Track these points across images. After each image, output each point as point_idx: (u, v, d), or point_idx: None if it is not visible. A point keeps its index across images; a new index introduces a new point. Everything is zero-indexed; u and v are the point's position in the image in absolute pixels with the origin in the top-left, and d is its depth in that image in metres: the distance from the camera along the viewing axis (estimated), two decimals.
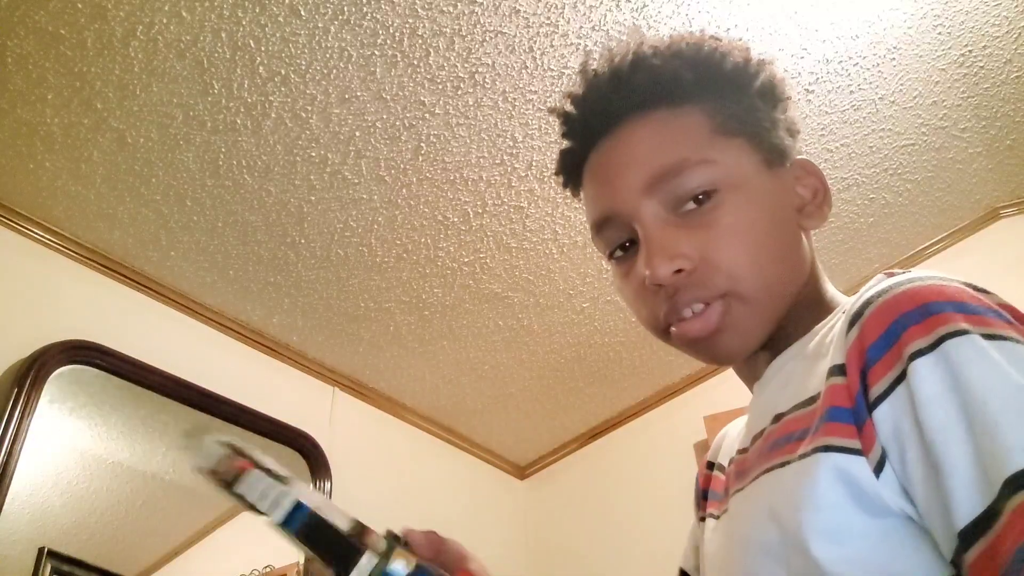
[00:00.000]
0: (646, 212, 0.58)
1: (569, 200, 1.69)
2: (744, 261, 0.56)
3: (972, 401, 0.41)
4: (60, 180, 1.48)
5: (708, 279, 0.56)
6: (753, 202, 0.58)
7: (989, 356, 0.41)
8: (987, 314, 0.44)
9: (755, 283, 0.56)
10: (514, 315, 1.95)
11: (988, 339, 0.42)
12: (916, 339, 0.43)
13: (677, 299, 0.57)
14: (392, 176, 1.58)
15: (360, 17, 1.29)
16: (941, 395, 0.42)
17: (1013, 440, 0.38)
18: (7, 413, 1.36)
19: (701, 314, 0.57)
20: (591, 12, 1.35)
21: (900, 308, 0.45)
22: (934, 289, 0.46)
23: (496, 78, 1.43)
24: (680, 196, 0.57)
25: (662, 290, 0.57)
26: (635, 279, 0.60)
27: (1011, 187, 1.86)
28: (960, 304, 0.44)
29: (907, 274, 0.49)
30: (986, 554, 0.38)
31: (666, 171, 0.57)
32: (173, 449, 1.73)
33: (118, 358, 1.56)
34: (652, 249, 0.57)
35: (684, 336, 0.58)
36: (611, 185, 0.60)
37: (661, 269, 0.56)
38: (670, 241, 0.57)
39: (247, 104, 1.40)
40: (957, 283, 0.47)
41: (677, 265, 0.56)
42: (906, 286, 0.47)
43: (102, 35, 1.25)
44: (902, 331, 0.44)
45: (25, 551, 1.41)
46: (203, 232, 1.62)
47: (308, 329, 1.90)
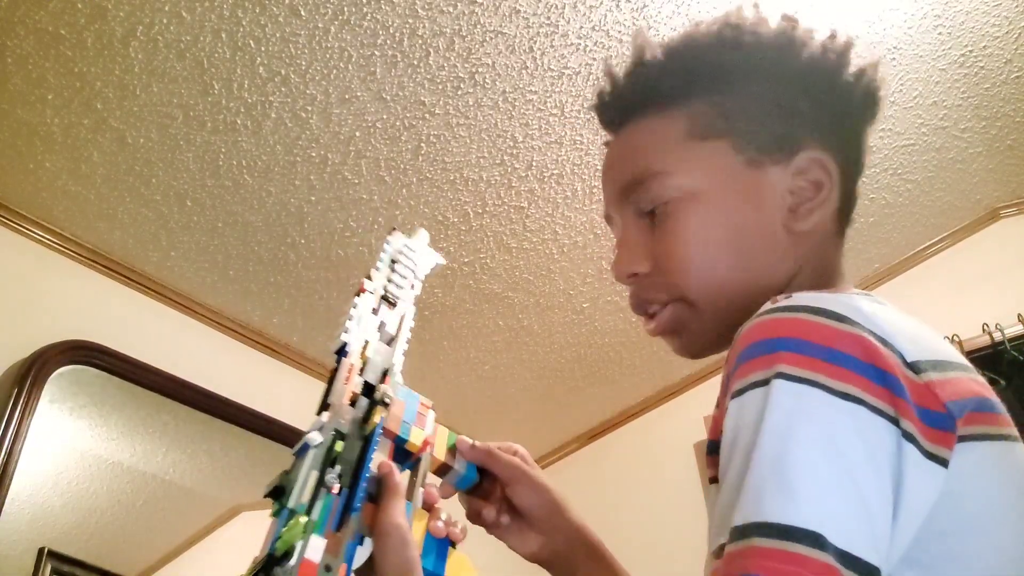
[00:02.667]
0: (621, 216, 0.63)
1: (569, 200, 1.69)
2: (690, 268, 0.58)
3: (735, 450, 0.42)
4: (60, 180, 1.48)
5: (658, 285, 0.60)
6: (713, 209, 0.58)
7: (775, 406, 0.41)
8: (807, 352, 0.42)
9: (704, 290, 0.58)
10: (514, 315, 1.95)
11: (789, 380, 0.41)
12: (734, 382, 0.44)
13: (638, 297, 0.62)
14: (392, 176, 1.58)
15: (360, 17, 1.29)
16: (726, 445, 0.43)
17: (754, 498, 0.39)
18: (7, 413, 1.36)
19: (657, 315, 0.61)
20: (591, 12, 1.35)
21: (737, 347, 0.46)
22: (765, 326, 0.45)
23: (496, 78, 1.43)
24: (643, 205, 0.60)
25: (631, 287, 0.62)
26: None
27: (1011, 187, 1.86)
28: (777, 342, 0.43)
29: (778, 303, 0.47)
30: None
31: (631, 182, 0.61)
32: (173, 449, 1.73)
33: (118, 358, 1.56)
34: (617, 252, 0.63)
35: (648, 331, 0.63)
36: (602, 187, 0.66)
37: (616, 271, 0.62)
38: (631, 246, 0.61)
39: (247, 104, 1.40)
40: (802, 313, 0.44)
41: (632, 269, 0.61)
42: (753, 321, 0.46)
43: (102, 35, 1.25)
44: (731, 373, 0.45)
45: (25, 551, 1.41)
46: (203, 232, 1.62)
47: (308, 329, 1.90)
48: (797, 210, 0.59)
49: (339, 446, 0.55)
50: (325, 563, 0.49)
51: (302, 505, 0.52)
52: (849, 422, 0.40)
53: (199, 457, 1.78)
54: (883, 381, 0.41)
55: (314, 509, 0.52)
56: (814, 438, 0.39)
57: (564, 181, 1.65)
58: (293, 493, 0.53)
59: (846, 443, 0.39)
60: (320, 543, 0.50)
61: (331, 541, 0.51)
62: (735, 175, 0.59)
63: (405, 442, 0.61)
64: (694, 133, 0.59)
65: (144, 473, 1.66)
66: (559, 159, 1.60)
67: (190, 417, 1.69)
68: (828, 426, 0.40)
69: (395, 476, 0.59)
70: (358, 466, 0.55)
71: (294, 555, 0.49)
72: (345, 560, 0.51)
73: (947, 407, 0.41)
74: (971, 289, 1.79)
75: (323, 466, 0.54)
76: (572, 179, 1.65)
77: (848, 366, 0.41)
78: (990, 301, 1.73)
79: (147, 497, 1.68)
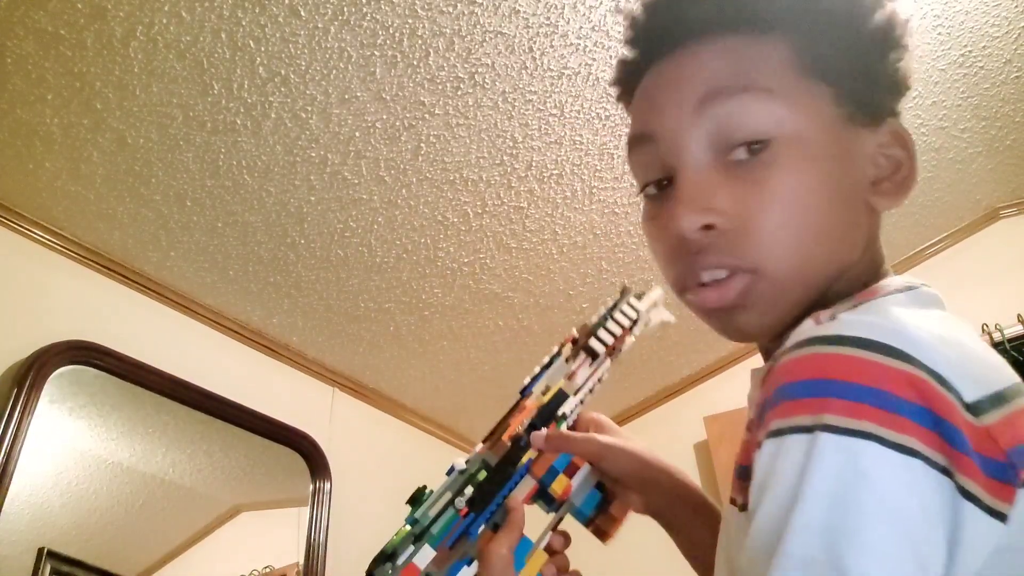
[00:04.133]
0: (689, 144, 0.50)
1: (569, 200, 1.69)
2: (783, 236, 0.48)
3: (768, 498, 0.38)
4: (60, 180, 1.48)
5: (738, 246, 0.48)
6: (816, 165, 0.49)
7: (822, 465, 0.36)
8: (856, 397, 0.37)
9: (789, 263, 0.48)
10: (514, 315, 1.95)
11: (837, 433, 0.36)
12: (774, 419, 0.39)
13: (699, 260, 0.49)
14: (392, 176, 1.58)
15: (360, 18, 1.29)
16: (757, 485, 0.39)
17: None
18: (7, 413, 1.36)
19: (721, 284, 0.49)
20: (591, 12, 1.35)
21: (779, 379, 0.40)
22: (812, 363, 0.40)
23: (496, 78, 1.43)
24: (732, 137, 0.49)
25: (685, 245, 0.50)
26: (661, 225, 0.52)
27: (1011, 187, 1.86)
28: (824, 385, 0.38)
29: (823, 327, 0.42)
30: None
31: (723, 89, 0.49)
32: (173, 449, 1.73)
33: (118, 358, 1.56)
34: (684, 194, 0.49)
35: (699, 304, 0.52)
36: (659, 101, 0.53)
37: (687, 220, 0.48)
38: (706, 189, 0.49)
39: (247, 104, 1.40)
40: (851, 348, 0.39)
41: (707, 219, 0.48)
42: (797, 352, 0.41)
43: (102, 35, 1.25)
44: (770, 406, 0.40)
45: (25, 551, 1.41)
46: (203, 232, 1.62)
47: (308, 329, 1.90)
48: (879, 185, 0.52)
49: (482, 475, 0.61)
50: (427, 571, 0.56)
51: (427, 517, 0.59)
52: (905, 478, 0.36)
53: (199, 457, 1.78)
54: (939, 429, 0.36)
55: (436, 524, 0.58)
56: (867, 504, 0.35)
57: (564, 181, 1.65)
58: (423, 505, 0.60)
59: (902, 504, 0.35)
60: (430, 554, 0.57)
61: (441, 555, 0.57)
62: (835, 129, 0.50)
63: (548, 486, 0.63)
64: (798, 65, 0.50)
65: (144, 473, 1.66)
66: (559, 159, 1.60)
67: (190, 417, 1.69)
68: (883, 487, 0.35)
69: (519, 512, 0.61)
70: (491, 496, 0.61)
71: (401, 557, 0.56)
72: (446, 574, 0.57)
73: (1008, 455, 0.37)
74: (971, 289, 1.79)
75: (459, 489, 0.60)
76: (572, 179, 1.64)
77: (903, 412, 0.37)
78: (990, 301, 1.73)
79: (147, 497, 1.68)
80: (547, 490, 0.63)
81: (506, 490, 0.61)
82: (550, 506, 0.64)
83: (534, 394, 0.68)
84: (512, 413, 0.67)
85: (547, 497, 0.64)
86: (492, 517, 0.60)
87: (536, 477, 0.64)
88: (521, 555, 0.59)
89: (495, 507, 0.60)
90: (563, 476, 0.64)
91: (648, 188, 0.55)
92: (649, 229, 0.56)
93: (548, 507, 0.65)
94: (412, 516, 0.59)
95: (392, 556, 0.56)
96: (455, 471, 0.61)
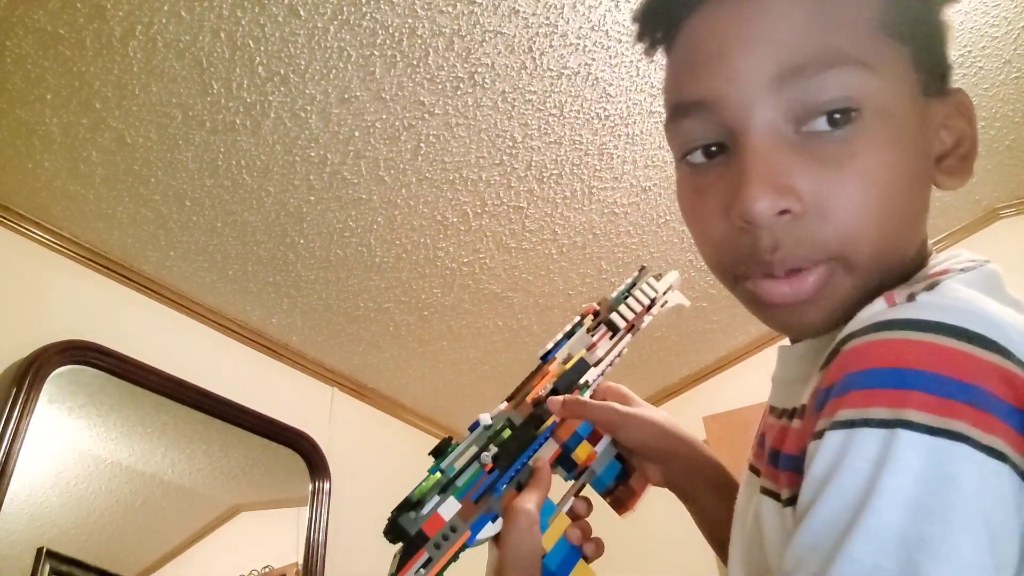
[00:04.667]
0: (762, 115, 0.42)
1: (568, 200, 1.69)
2: (868, 221, 0.42)
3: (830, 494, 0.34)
4: (59, 180, 1.48)
5: (818, 233, 0.42)
6: (901, 140, 0.43)
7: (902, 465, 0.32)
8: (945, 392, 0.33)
9: (872, 250, 0.42)
10: (514, 315, 1.95)
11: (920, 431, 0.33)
12: (842, 408, 0.35)
13: (770, 248, 0.43)
14: (392, 176, 1.57)
15: (359, 17, 1.29)
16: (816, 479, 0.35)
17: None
18: (5, 413, 1.36)
19: (796, 276, 0.43)
20: (591, 12, 1.35)
21: (849, 366, 0.36)
22: (890, 349, 0.35)
23: (495, 78, 1.43)
24: (812, 106, 0.41)
25: (747, 233, 0.43)
26: (715, 201, 0.45)
27: (1011, 187, 1.86)
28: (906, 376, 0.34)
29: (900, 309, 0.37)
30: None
31: (810, 63, 0.41)
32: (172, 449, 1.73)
33: (117, 358, 1.56)
34: (756, 171, 0.41)
35: (761, 297, 0.45)
36: (725, 62, 0.43)
37: (763, 202, 0.41)
38: (783, 165, 0.42)
39: (246, 104, 1.40)
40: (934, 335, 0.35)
41: (786, 203, 0.41)
42: (872, 337, 0.36)
43: (101, 35, 1.25)
44: (837, 394, 0.36)
45: (24, 551, 1.40)
46: (202, 232, 1.62)
47: (308, 329, 1.89)
48: (943, 161, 0.47)
49: (506, 433, 0.61)
50: (452, 524, 0.56)
51: (452, 468, 0.58)
52: (995, 485, 0.32)
53: (198, 457, 1.78)
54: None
55: (462, 477, 0.58)
56: (953, 513, 0.31)
57: (563, 181, 1.64)
58: (449, 456, 0.59)
59: (990, 515, 0.31)
60: (455, 506, 0.56)
61: (466, 508, 0.57)
62: (914, 99, 0.44)
63: (572, 451, 0.63)
64: (883, 23, 0.43)
65: (143, 473, 1.66)
66: (558, 159, 1.60)
67: (189, 417, 1.69)
68: (971, 495, 0.31)
69: (546, 471, 0.61)
70: (516, 454, 0.60)
71: (427, 506, 0.55)
72: (471, 528, 0.56)
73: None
74: None
75: (484, 444, 0.60)
76: (571, 179, 1.64)
77: (992, 410, 0.32)
78: None
79: (146, 497, 1.68)
80: (570, 455, 0.63)
81: (531, 450, 0.62)
82: (569, 473, 0.64)
83: (557, 360, 0.68)
84: (534, 377, 0.67)
85: (568, 463, 0.64)
86: (517, 476, 0.60)
87: (560, 441, 0.64)
88: (544, 517, 0.58)
89: (520, 466, 0.60)
90: (586, 443, 0.64)
91: (693, 154, 0.46)
92: (693, 203, 0.47)
93: (568, 474, 0.64)
94: (438, 466, 0.58)
95: (418, 504, 0.55)
96: (480, 426, 0.61)
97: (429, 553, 0.54)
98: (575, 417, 0.64)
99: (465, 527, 0.56)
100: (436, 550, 0.54)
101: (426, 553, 0.54)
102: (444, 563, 0.55)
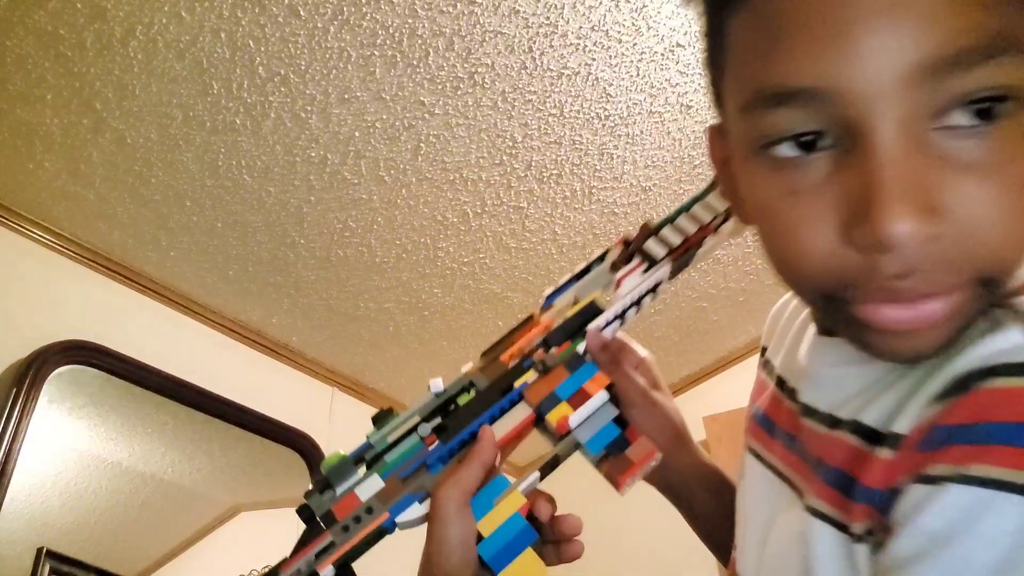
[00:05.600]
0: (899, 110, 0.32)
1: (568, 200, 1.69)
2: (1019, 238, 0.33)
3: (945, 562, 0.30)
4: (59, 180, 1.48)
5: (965, 256, 0.33)
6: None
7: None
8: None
9: (1014, 267, 0.35)
10: (514, 315, 1.95)
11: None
12: (980, 463, 0.30)
13: (892, 282, 0.33)
14: (392, 176, 1.58)
15: (360, 17, 1.29)
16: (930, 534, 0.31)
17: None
18: (6, 413, 1.36)
19: (924, 302, 0.34)
20: (591, 12, 1.35)
21: (995, 413, 0.31)
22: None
23: (496, 78, 1.43)
24: (955, 97, 0.32)
25: (873, 257, 0.33)
26: (824, 211, 0.34)
27: None
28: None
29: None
30: None
31: (974, 50, 0.31)
32: (172, 449, 1.73)
33: (117, 358, 1.56)
34: (895, 184, 0.31)
35: (873, 323, 0.35)
36: (850, 39, 0.32)
37: (906, 226, 0.31)
38: (927, 179, 0.32)
39: (246, 104, 1.40)
40: None
41: (934, 228, 0.32)
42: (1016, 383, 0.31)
43: (101, 35, 1.25)
44: (972, 442, 0.31)
45: (24, 551, 1.41)
46: (203, 232, 1.62)
47: (308, 329, 1.90)
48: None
49: (463, 399, 0.51)
50: (368, 504, 0.47)
51: (384, 442, 0.50)
52: None
53: (198, 457, 1.78)
54: None
55: (394, 450, 0.49)
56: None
57: (563, 181, 1.65)
58: (384, 428, 0.50)
59: None
60: (377, 484, 0.48)
61: (390, 486, 0.48)
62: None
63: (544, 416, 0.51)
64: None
65: (143, 473, 1.66)
66: (558, 159, 1.60)
67: (189, 417, 1.69)
68: None
69: (485, 444, 0.50)
70: (464, 424, 0.50)
71: (341, 486, 0.47)
72: (390, 510, 0.48)
73: None
74: None
75: (430, 413, 0.51)
76: (571, 179, 1.64)
77: None
78: None
79: (146, 497, 1.68)
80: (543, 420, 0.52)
81: (484, 418, 0.50)
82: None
83: (555, 308, 0.54)
84: (520, 330, 0.54)
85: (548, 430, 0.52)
86: (462, 448, 0.50)
87: (532, 404, 0.52)
88: (490, 497, 0.48)
89: (467, 436, 0.50)
90: (565, 405, 0.51)
91: (779, 146, 0.35)
92: (784, 207, 0.36)
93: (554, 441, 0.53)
94: (368, 440, 0.50)
95: (334, 483, 0.47)
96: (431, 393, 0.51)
97: (333, 537, 0.46)
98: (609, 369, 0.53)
99: (383, 509, 0.47)
100: (343, 534, 0.46)
101: (330, 537, 0.46)
102: (348, 549, 0.46)
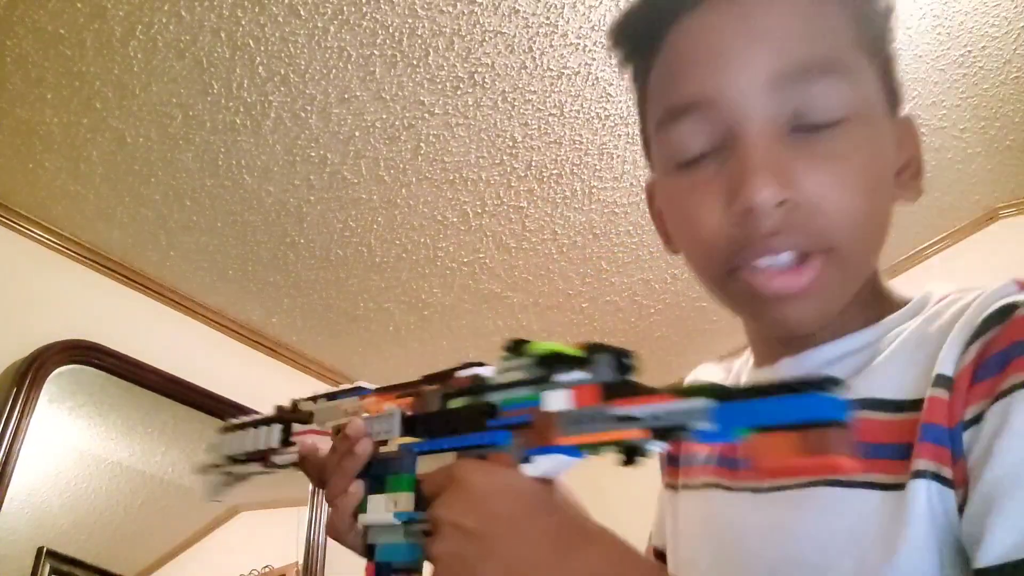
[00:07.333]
0: (762, 110, 0.44)
1: (568, 200, 1.69)
2: (856, 217, 0.44)
3: None
4: (59, 180, 1.48)
5: (813, 224, 0.43)
6: (877, 147, 0.46)
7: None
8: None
9: (859, 245, 0.45)
10: (513, 315, 1.95)
11: None
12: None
13: (765, 241, 0.44)
14: (392, 176, 1.58)
15: (360, 17, 1.29)
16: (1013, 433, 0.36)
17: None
18: (6, 413, 1.36)
19: (792, 269, 0.44)
20: (591, 12, 1.35)
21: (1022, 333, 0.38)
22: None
23: (495, 78, 1.43)
24: (807, 108, 0.44)
25: (748, 222, 0.43)
26: (712, 196, 0.45)
27: (1010, 187, 1.86)
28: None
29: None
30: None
31: (811, 67, 0.44)
32: (172, 448, 1.73)
33: (117, 358, 1.56)
34: (758, 162, 0.43)
35: (757, 288, 0.45)
36: (723, 60, 0.45)
37: (764, 191, 0.42)
38: (782, 159, 0.43)
39: (247, 104, 1.40)
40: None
41: (787, 193, 0.43)
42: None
43: (101, 35, 1.25)
44: (1016, 356, 0.37)
45: (24, 551, 1.41)
46: (202, 232, 1.62)
47: (307, 329, 1.89)
48: (900, 176, 0.49)
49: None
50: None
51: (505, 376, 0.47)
52: None
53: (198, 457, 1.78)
54: None
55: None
56: None
57: (563, 181, 1.65)
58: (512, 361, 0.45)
59: None
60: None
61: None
62: (884, 111, 0.47)
63: None
64: (858, 39, 0.46)
65: (143, 473, 1.66)
66: (558, 159, 1.60)
67: (189, 416, 1.69)
68: None
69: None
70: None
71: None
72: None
73: None
74: None
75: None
76: (571, 179, 1.64)
77: None
78: None
79: (146, 497, 1.68)
80: None
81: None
82: None
83: None
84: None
85: None
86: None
87: None
88: None
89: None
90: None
91: (683, 161, 0.47)
92: (686, 202, 0.48)
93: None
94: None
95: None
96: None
97: None
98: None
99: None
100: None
101: None
102: None
